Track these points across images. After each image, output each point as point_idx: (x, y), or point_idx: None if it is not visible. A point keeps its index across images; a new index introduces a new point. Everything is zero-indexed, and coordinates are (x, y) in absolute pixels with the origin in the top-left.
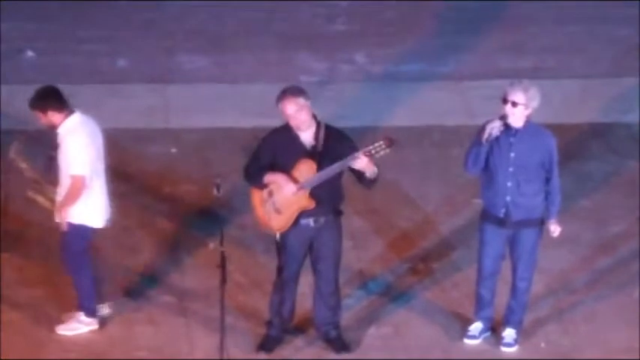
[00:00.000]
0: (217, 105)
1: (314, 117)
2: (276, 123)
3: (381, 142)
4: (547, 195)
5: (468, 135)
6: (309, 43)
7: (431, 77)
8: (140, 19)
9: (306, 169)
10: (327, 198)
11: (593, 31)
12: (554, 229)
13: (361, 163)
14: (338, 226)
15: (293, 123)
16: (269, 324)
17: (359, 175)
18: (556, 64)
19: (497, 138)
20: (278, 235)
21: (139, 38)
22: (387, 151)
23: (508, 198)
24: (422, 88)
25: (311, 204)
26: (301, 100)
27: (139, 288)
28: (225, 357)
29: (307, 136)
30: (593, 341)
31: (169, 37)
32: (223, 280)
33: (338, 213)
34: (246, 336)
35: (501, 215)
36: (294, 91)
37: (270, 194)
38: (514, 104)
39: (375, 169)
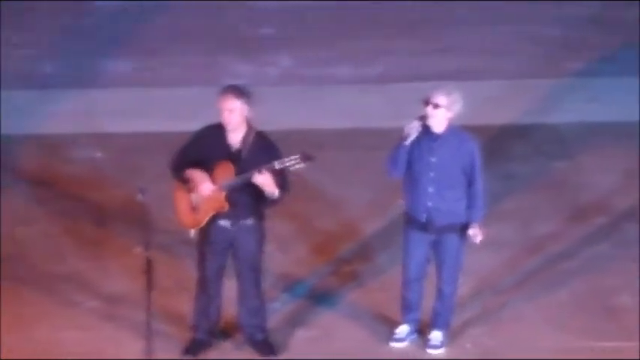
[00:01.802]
0: (143, 109)
1: (248, 122)
2: (202, 126)
3: (297, 157)
4: (469, 199)
5: (395, 137)
6: (235, 47)
7: (358, 80)
8: (66, 23)
9: (224, 172)
10: (246, 202)
11: (519, 32)
12: (475, 233)
13: (260, 179)
14: (258, 230)
15: (224, 119)
16: (195, 327)
17: (262, 190)
18: (482, 66)
19: (419, 142)
20: (192, 233)
21: (66, 43)
22: (302, 165)
23: (430, 203)
24: (349, 91)
25: (225, 206)
26: (237, 103)
27: (65, 294)
28: None
29: (236, 139)
30: (519, 342)
31: (95, 41)
32: (149, 285)
33: (259, 217)
34: (173, 340)
35: (423, 220)
36: (236, 91)
37: (190, 191)
38: (436, 106)
39: (275, 192)
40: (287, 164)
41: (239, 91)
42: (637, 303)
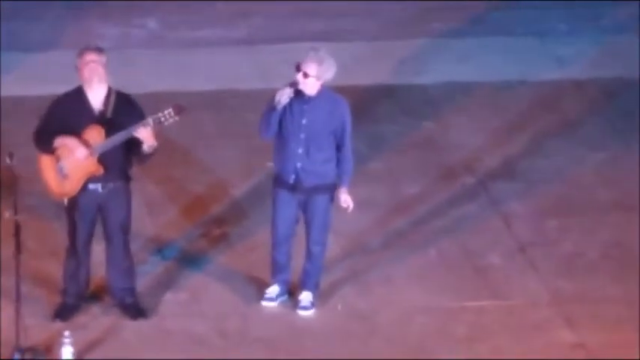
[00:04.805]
0: (8, 73)
1: (107, 82)
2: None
3: (170, 110)
4: (338, 163)
5: (263, 99)
6: (101, 10)
7: (224, 42)
8: None
9: (94, 135)
10: (116, 164)
11: None
12: (345, 199)
13: (144, 132)
14: (127, 191)
15: (86, 74)
16: (64, 292)
17: (137, 146)
18: (348, 27)
19: (290, 104)
20: (66, 201)
21: None
22: (176, 118)
23: (298, 164)
24: (215, 54)
25: (99, 170)
26: (103, 57)
27: None
28: (21, 326)
29: (97, 101)
30: (389, 302)
31: None
32: (18, 249)
33: (127, 179)
34: (43, 304)
35: (292, 181)
36: (95, 47)
37: (58, 159)
38: (305, 75)
39: (155, 143)
40: (161, 119)
41: (98, 47)
42: (504, 262)
